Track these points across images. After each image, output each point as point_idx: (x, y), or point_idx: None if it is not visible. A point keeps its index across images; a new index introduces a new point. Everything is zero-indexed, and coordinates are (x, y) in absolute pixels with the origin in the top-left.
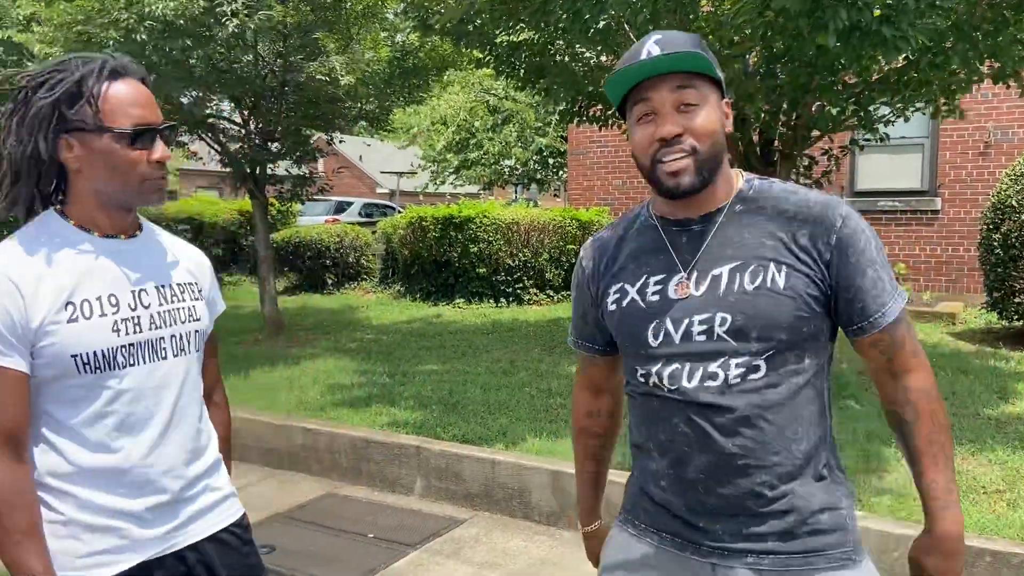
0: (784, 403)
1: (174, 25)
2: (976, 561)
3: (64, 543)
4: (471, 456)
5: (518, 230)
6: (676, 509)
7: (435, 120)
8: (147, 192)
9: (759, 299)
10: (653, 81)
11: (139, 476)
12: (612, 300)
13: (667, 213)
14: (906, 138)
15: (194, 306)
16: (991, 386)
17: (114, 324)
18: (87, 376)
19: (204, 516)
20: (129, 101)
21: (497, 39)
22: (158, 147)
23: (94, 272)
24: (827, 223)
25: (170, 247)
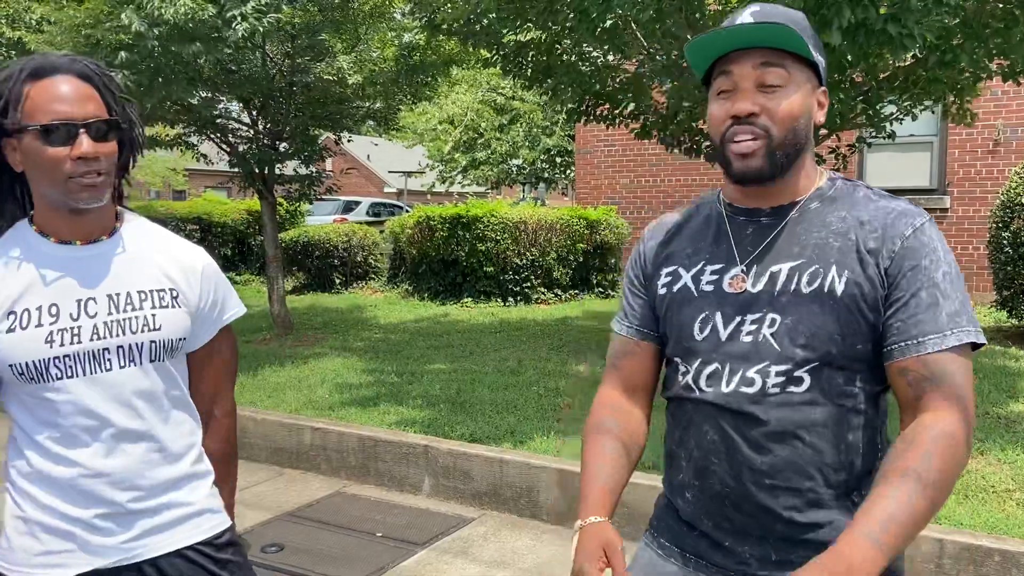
0: (826, 425)
1: (183, 30)
2: (985, 560)
3: (23, 539)
4: (479, 455)
5: (526, 229)
6: (702, 526)
7: (442, 120)
8: (75, 191)
9: (814, 304)
10: (738, 54)
11: (87, 486)
12: (663, 283)
13: (736, 200)
14: (915, 136)
15: (153, 315)
16: (1000, 385)
17: (48, 335)
18: (28, 386)
19: (167, 531)
20: (49, 98)
21: (504, 38)
22: (81, 142)
23: (40, 281)
24: (897, 229)
25: (144, 252)
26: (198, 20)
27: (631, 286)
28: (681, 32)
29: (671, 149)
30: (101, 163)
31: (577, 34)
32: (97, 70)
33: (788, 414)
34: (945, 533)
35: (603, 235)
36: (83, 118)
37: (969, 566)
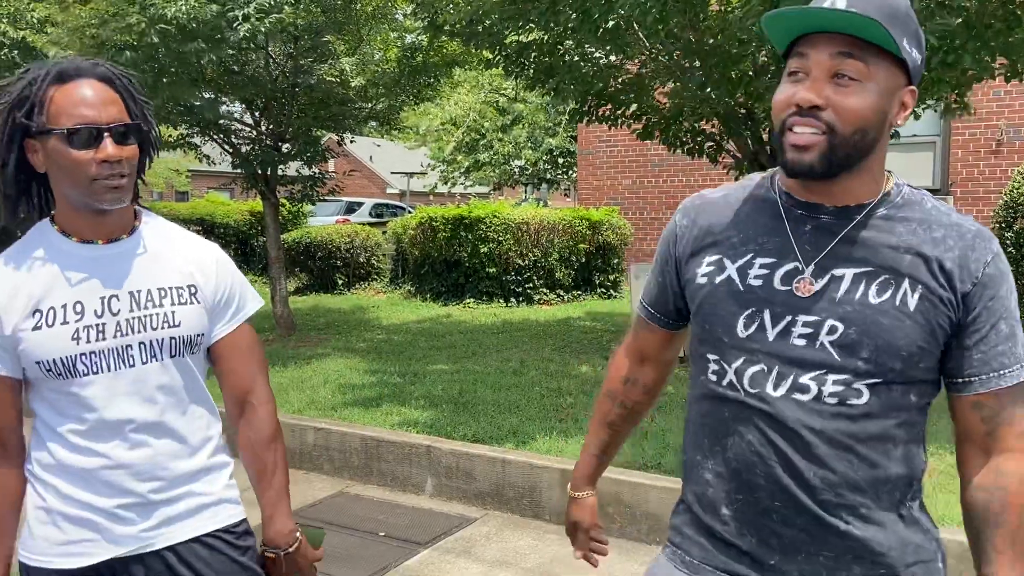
0: (880, 439)
1: (186, 28)
2: None
3: (46, 529)
4: (482, 455)
5: (528, 230)
6: (744, 543)
7: (445, 121)
8: (98, 193)
9: (883, 316)
10: (819, 37)
11: (110, 477)
12: (704, 272)
13: (795, 191)
14: (918, 136)
15: (173, 312)
16: None
17: (75, 332)
18: (54, 381)
19: (185, 519)
20: (74, 102)
21: (506, 39)
22: (105, 146)
23: (65, 279)
24: (976, 255)
25: (163, 249)
26: (200, 19)
27: (662, 266)
28: (683, 33)
29: (673, 150)
30: (124, 165)
31: (579, 35)
32: (119, 74)
33: (845, 426)
34: (949, 533)
35: (605, 236)
36: (107, 122)
37: (972, 566)
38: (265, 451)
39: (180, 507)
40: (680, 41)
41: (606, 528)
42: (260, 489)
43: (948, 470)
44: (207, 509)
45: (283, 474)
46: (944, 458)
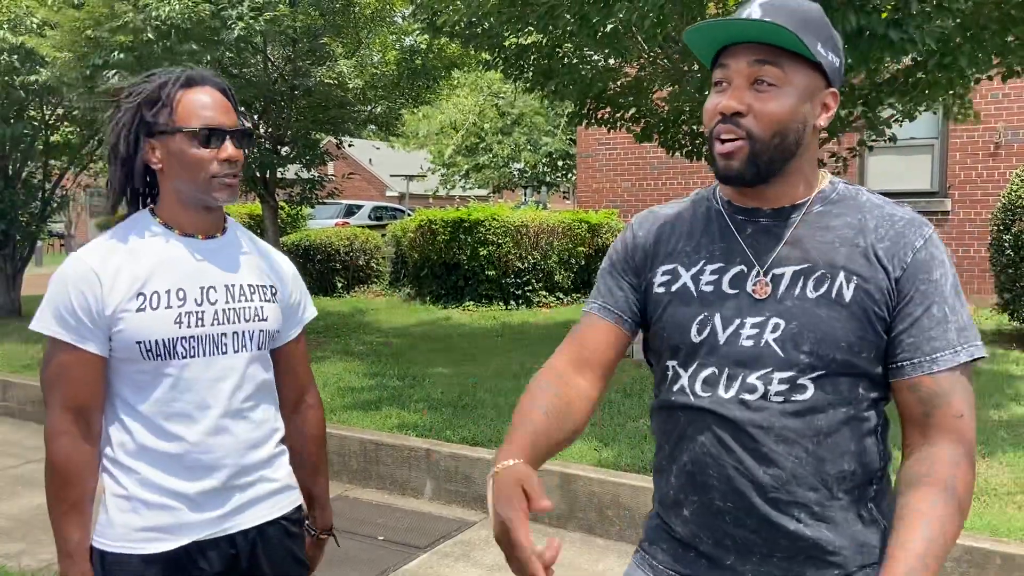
0: (829, 434)
1: (181, 28)
2: (986, 563)
3: (125, 516)
4: (481, 458)
5: (527, 233)
6: (702, 545)
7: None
8: (216, 189)
9: (820, 309)
10: (736, 47)
11: (193, 461)
12: (661, 282)
13: (734, 198)
14: (916, 139)
15: (262, 307)
16: (1002, 388)
17: (177, 316)
18: (150, 363)
19: (256, 505)
20: (200, 105)
21: (505, 42)
22: (227, 147)
23: (167, 266)
24: (906, 241)
25: (251, 251)
26: (194, 19)
27: (613, 272)
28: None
29: (672, 152)
30: (237, 166)
31: (578, 38)
32: (230, 87)
33: (792, 422)
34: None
35: (605, 238)
36: (230, 126)
37: (971, 569)
38: (318, 448)
39: (252, 493)
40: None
41: (605, 532)
42: (312, 480)
43: None
44: (274, 496)
45: (327, 469)
46: None
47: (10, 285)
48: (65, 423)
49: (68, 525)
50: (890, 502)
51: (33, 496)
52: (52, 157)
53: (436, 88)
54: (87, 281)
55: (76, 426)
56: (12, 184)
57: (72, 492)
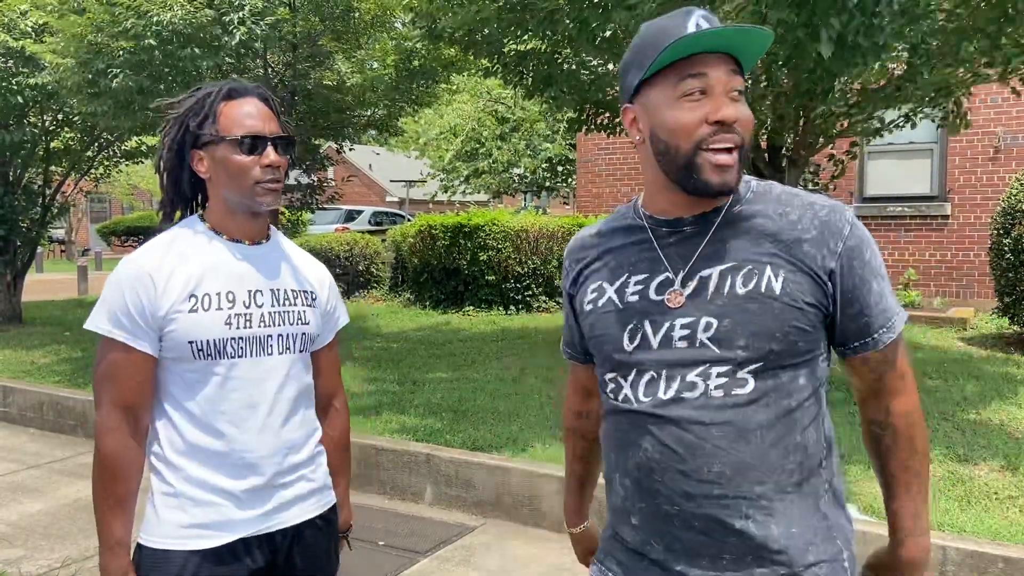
0: (772, 426)
1: (182, 34)
2: (988, 567)
3: (172, 513)
4: (481, 463)
5: (527, 238)
6: (652, 552)
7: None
8: (260, 195)
9: (751, 304)
10: (712, 57)
11: (239, 460)
12: (588, 300)
13: (658, 212)
14: (915, 143)
15: (304, 311)
16: (1002, 392)
17: (227, 318)
18: (200, 362)
19: (297, 504)
20: (242, 115)
21: (505, 48)
22: (268, 153)
23: (217, 269)
24: (834, 229)
25: (293, 258)
26: (196, 25)
27: (568, 311)
28: None
29: None
30: (280, 172)
31: (577, 43)
32: (272, 96)
33: (733, 416)
34: (949, 540)
35: None
36: (271, 133)
37: (972, 573)
38: (342, 452)
39: (293, 491)
40: None
41: None
42: (335, 481)
43: (948, 476)
44: (313, 496)
45: (349, 472)
46: (945, 464)
47: (10, 291)
48: (115, 420)
49: (112, 520)
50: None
51: (33, 502)
52: (52, 163)
53: (434, 90)
54: (141, 283)
55: (125, 423)
56: (12, 190)
57: (119, 488)
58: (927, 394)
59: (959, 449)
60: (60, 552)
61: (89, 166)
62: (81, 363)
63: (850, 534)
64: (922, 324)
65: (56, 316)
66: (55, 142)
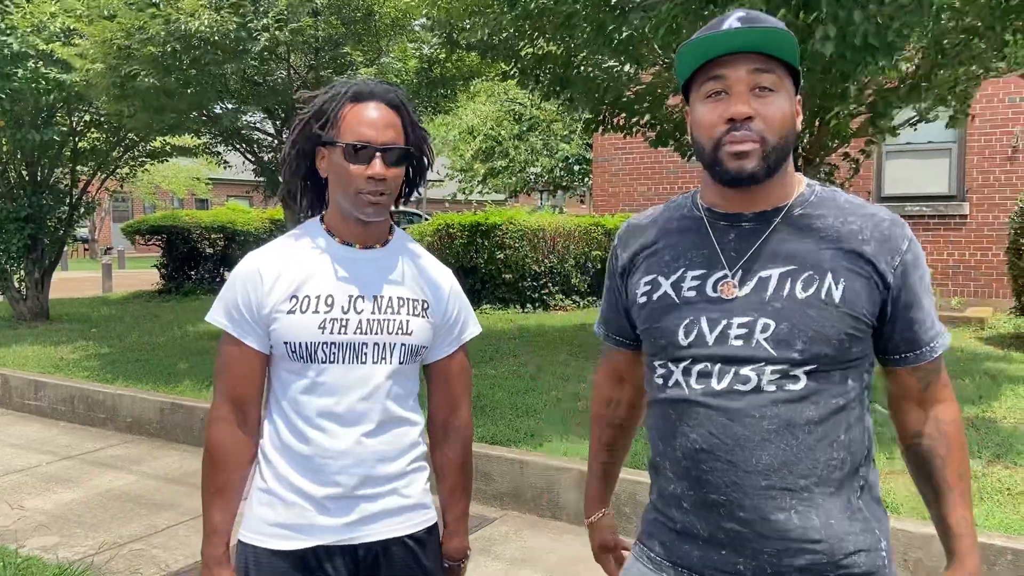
0: (820, 423)
1: (209, 41)
2: (998, 559)
3: (262, 509)
4: (500, 456)
5: (544, 236)
6: (699, 534)
7: (462, 131)
8: (361, 205)
9: (810, 309)
10: (729, 58)
11: (321, 465)
12: (643, 292)
13: (717, 205)
14: (933, 143)
15: (408, 321)
16: (1017, 390)
17: (322, 322)
18: (295, 363)
19: (384, 519)
20: (359, 121)
21: (522, 51)
22: (375, 164)
23: (322, 272)
24: (894, 243)
25: (410, 264)
26: (222, 32)
27: (611, 294)
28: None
29: (688, 157)
30: (388, 184)
31: (594, 46)
32: (406, 102)
33: (783, 411)
34: None
35: None
36: (382, 143)
37: (983, 565)
38: (460, 473)
39: (381, 505)
40: None
41: (622, 528)
42: (448, 503)
43: None
44: (404, 513)
45: (469, 496)
46: None
47: (38, 288)
48: (223, 410)
49: (212, 507)
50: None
51: (66, 492)
52: (79, 163)
53: (454, 97)
54: (252, 280)
55: (233, 415)
56: (40, 190)
57: (220, 476)
58: None
59: (973, 446)
60: (94, 539)
61: (115, 166)
62: (108, 359)
63: (887, 527)
64: None
65: (82, 313)
66: (82, 142)
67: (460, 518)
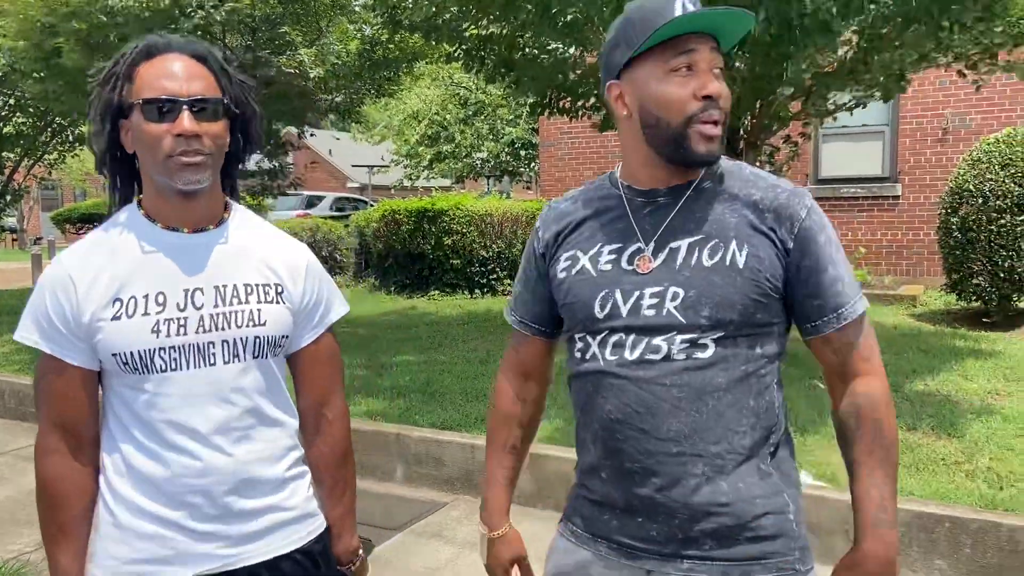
0: (728, 390)
1: (139, 18)
2: (936, 527)
3: (115, 546)
4: (451, 441)
5: (491, 222)
6: (615, 504)
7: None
8: (174, 170)
9: (715, 275)
10: (698, 37)
11: (183, 487)
12: (562, 268)
13: (636, 182)
14: (867, 126)
15: (259, 310)
16: (949, 364)
17: (155, 324)
18: (130, 376)
19: (265, 537)
20: (156, 75)
21: (466, 33)
22: (181, 119)
23: (148, 266)
24: (792, 211)
25: (252, 244)
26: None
27: (529, 277)
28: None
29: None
30: (204, 142)
31: (539, 28)
32: (213, 51)
33: (693, 378)
34: (898, 503)
35: None
36: (187, 95)
37: (920, 533)
38: (339, 467)
39: (262, 523)
40: None
41: None
42: (329, 503)
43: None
44: (289, 526)
45: (353, 491)
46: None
47: None
48: (53, 441)
49: (55, 549)
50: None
51: (1, 488)
52: (4, 149)
53: (398, 80)
54: (63, 286)
55: (65, 444)
56: None
57: (60, 514)
58: None
59: (908, 419)
60: (29, 537)
61: (42, 151)
62: None
63: (798, 492)
64: (874, 301)
65: (11, 305)
66: (7, 127)
67: (345, 517)
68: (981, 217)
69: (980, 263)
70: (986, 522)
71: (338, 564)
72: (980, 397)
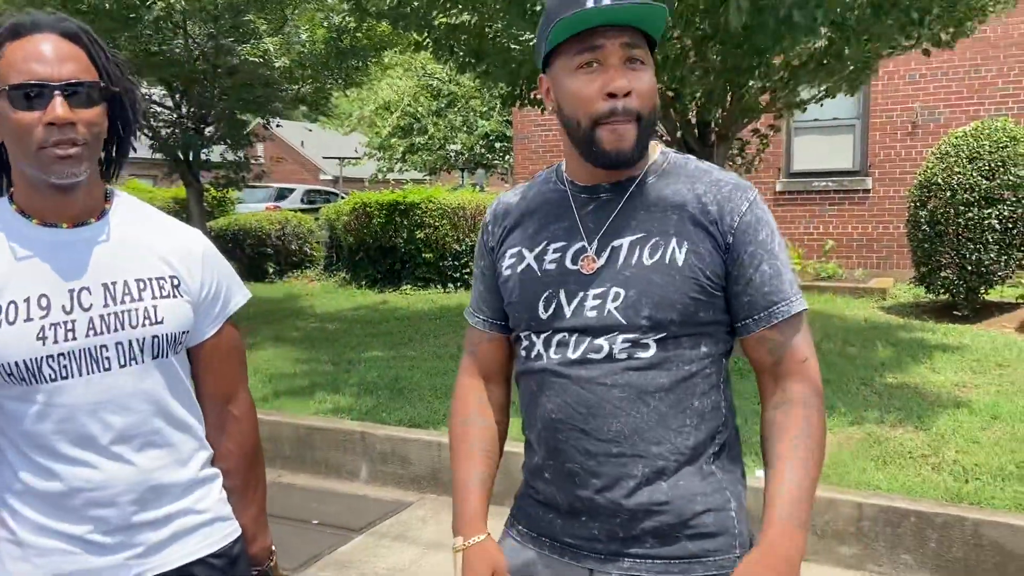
0: (671, 390)
1: (100, 9)
2: (902, 521)
3: (18, 565)
4: (418, 440)
5: (464, 215)
6: (559, 504)
7: (379, 106)
8: (48, 163)
9: (655, 275)
10: (607, 30)
11: (85, 500)
12: (507, 265)
13: (579, 178)
14: (838, 119)
15: (155, 307)
16: (917, 357)
17: (40, 331)
18: (16, 388)
19: (176, 542)
20: (24, 57)
21: (435, 21)
22: (53, 106)
23: (25, 268)
24: (733, 205)
25: (140, 235)
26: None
27: (484, 273)
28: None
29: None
30: (78, 130)
31: (508, 17)
32: (88, 30)
33: (634, 378)
34: (863, 497)
35: None
36: (59, 79)
37: (886, 527)
38: (249, 467)
39: (171, 529)
40: None
41: None
42: (240, 505)
43: (866, 438)
44: (199, 531)
45: (264, 489)
46: (863, 426)
47: None
48: None
49: None
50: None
51: None
52: None
53: (366, 69)
54: None
55: None
56: None
57: None
58: (847, 360)
59: (876, 412)
60: None
61: None
62: None
63: (741, 489)
64: (844, 294)
65: None
66: None
67: (258, 517)
68: (949, 210)
69: (948, 256)
70: (951, 516)
71: (254, 564)
72: (947, 390)
